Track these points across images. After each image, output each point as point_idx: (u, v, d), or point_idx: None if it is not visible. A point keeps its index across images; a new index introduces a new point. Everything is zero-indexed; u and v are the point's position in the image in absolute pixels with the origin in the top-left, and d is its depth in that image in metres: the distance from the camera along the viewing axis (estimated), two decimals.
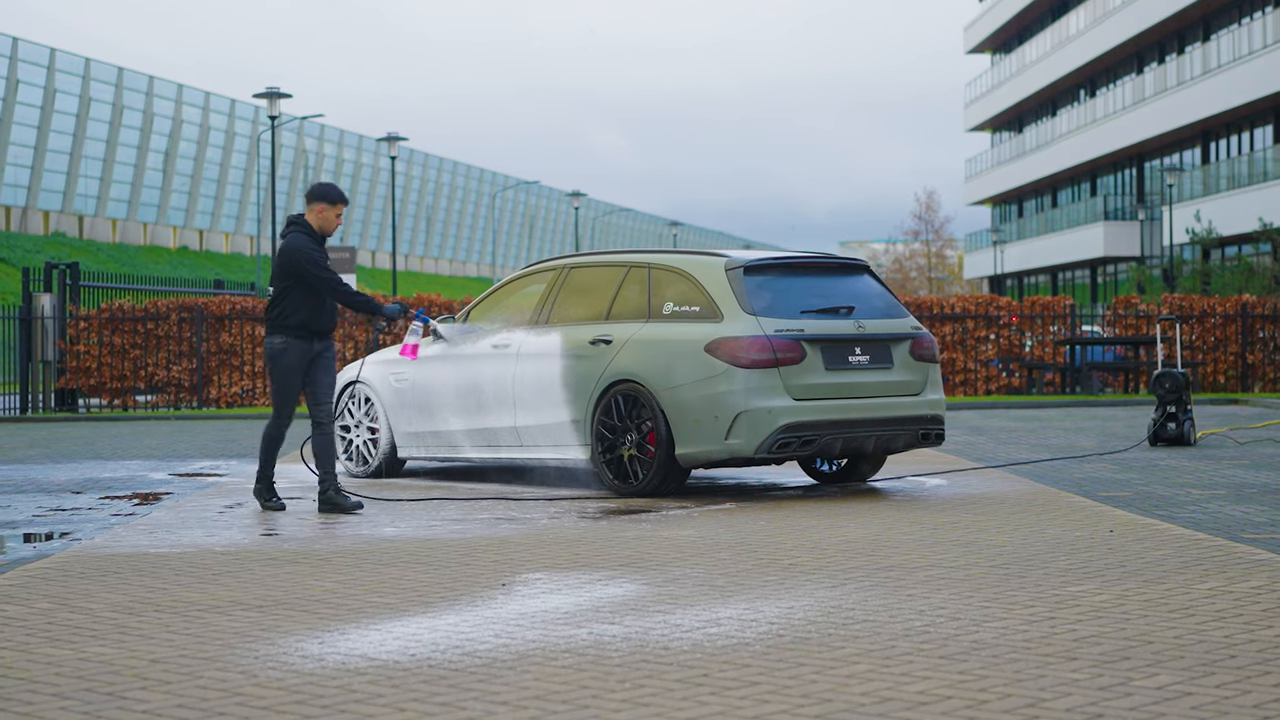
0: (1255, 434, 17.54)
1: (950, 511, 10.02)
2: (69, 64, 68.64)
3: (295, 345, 10.52)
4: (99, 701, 4.98)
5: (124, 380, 27.81)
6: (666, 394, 10.90)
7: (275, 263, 10.56)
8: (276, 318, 10.51)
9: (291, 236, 10.53)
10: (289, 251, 10.45)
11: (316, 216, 10.59)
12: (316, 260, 10.44)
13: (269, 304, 10.59)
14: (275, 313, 10.51)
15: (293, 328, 10.48)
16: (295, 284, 10.44)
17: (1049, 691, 4.95)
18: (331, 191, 10.62)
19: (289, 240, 10.51)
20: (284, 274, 10.47)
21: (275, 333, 10.54)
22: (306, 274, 10.38)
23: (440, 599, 6.84)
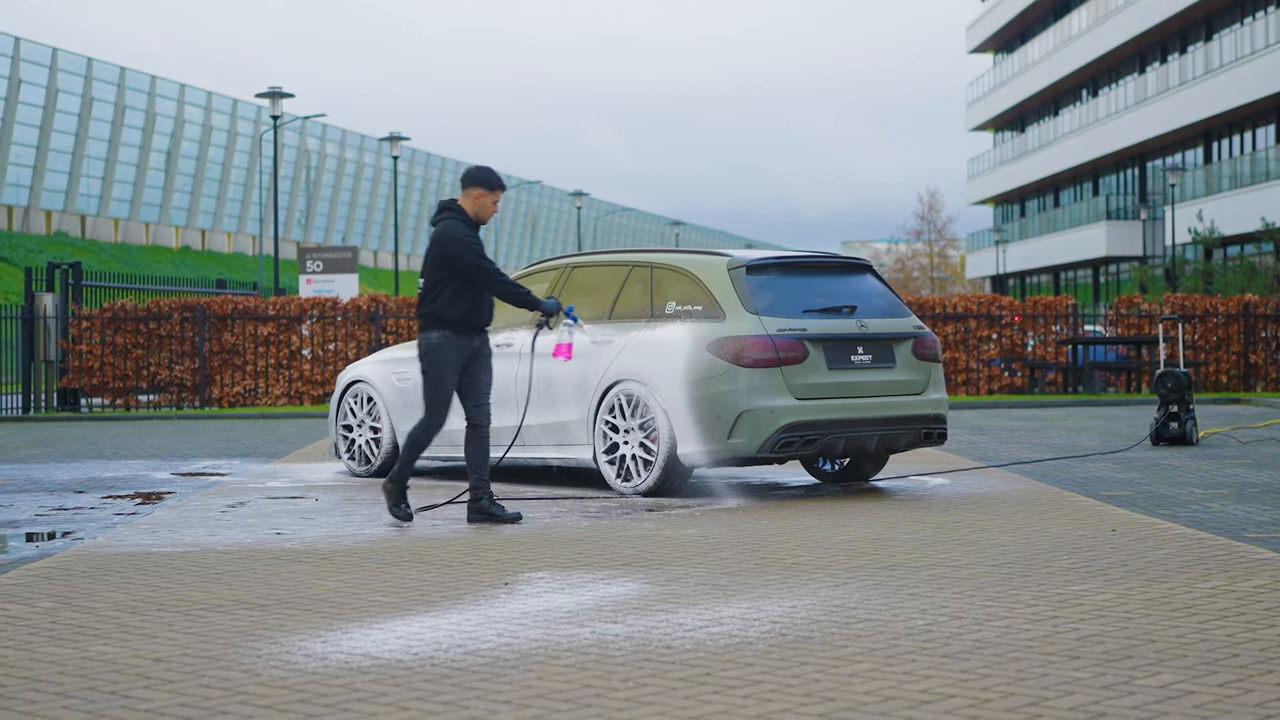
0: (1257, 433, 17.53)
1: (953, 511, 10.03)
2: (71, 64, 68.66)
3: (454, 341, 9.76)
4: (102, 700, 4.98)
5: (126, 380, 27.82)
6: (669, 393, 10.90)
7: (430, 251, 9.81)
8: (434, 311, 9.78)
9: (448, 224, 9.85)
10: (447, 241, 9.76)
11: (473, 203, 9.90)
12: (476, 250, 9.78)
13: (422, 296, 9.87)
14: (432, 306, 9.79)
15: (452, 322, 9.76)
16: (451, 275, 9.76)
17: (1052, 690, 4.95)
18: (491, 177, 9.92)
19: (445, 228, 9.83)
20: (440, 264, 9.76)
21: (432, 327, 9.79)
22: (465, 264, 9.73)
23: (443, 598, 6.84)
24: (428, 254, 9.85)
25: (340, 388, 13.47)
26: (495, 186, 9.91)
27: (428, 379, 9.84)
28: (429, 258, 9.85)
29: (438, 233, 9.84)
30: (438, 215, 9.95)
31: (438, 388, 9.81)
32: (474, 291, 9.80)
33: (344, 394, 13.40)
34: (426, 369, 9.84)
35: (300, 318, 28.29)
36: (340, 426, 13.36)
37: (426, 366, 9.83)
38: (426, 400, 9.88)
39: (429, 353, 9.80)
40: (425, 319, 9.83)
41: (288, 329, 28.24)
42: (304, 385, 28.18)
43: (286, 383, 28.14)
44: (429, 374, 9.83)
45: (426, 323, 9.82)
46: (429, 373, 9.83)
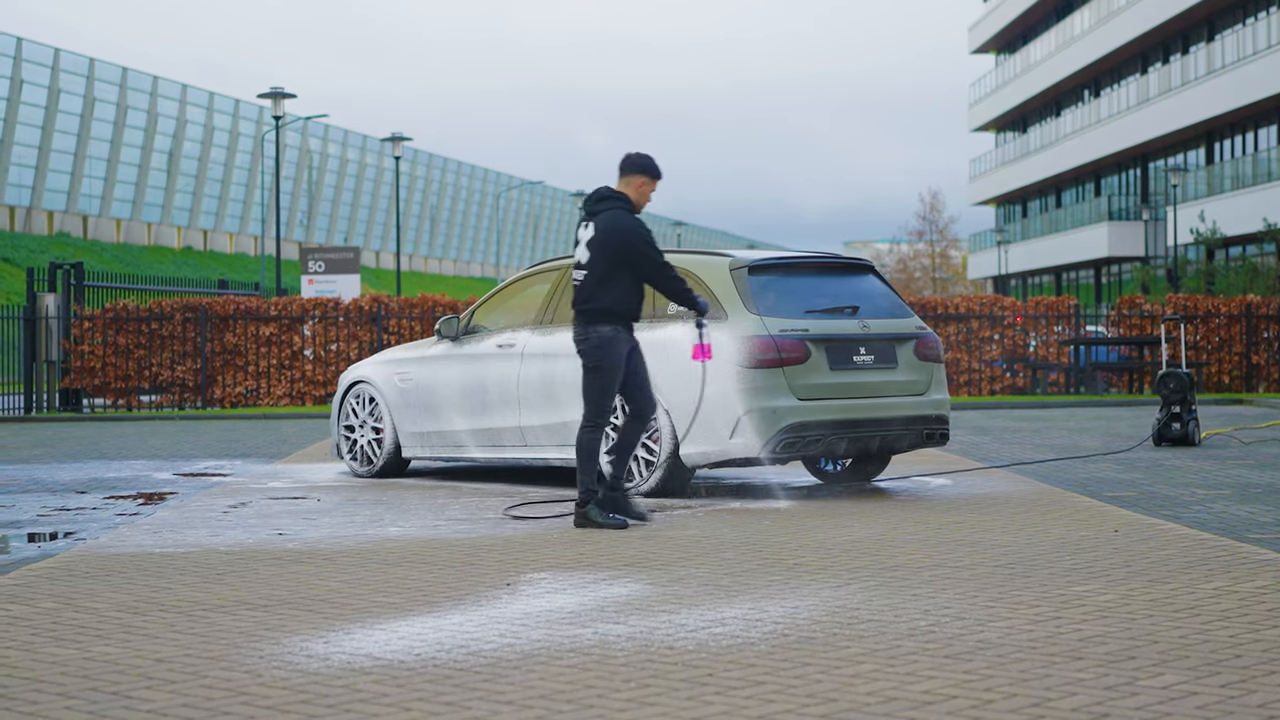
0: (1260, 434, 17.52)
1: (955, 511, 10.02)
2: (73, 64, 68.70)
3: (623, 336, 9.49)
4: (104, 701, 4.98)
5: (128, 380, 27.83)
6: (671, 394, 10.89)
7: (599, 241, 9.43)
8: (606, 305, 9.42)
9: (617, 214, 9.47)
10: (623, 232, 9.41)
11: (635, 191, 9.57)
12: (652, 242, 9.50)
13: (586, 289, 9.46)
14: (605, 300, 9.42)
15: (622, 316, 9.46)
16: (621, 267, 9.44)
17: (1054, 691, 4.95)
18: (653, 164, 9.61)
19: (617, 218, 9.45)
20: (613, 255, 9.40)
21: (602, 321, 9.43)
22: (643, 257, 9.44)
23: (445, 599, 6.84)
24: (596, 244, 9.45)
25: (342, 388, 13.47)
26: (658, 175, 9.65)
27: (598, 375, 9.48)
28: (598, 247, 9.45)
29: (610, 223, 9.45)
30: (598, 204, 9.57)
31: (609, 383, 9.49)
32: (640, 284, 9.52)
33: (346, 394, 13.40)
34: (597, 364, 9.47)
35: (302, 318, 28.29)
36: (342, 427, 13.36)
37: (597, 362, 9.46)
38: (593, 397, 9.52)
39: (601, 347, 9.44)
40: (595, 313, 9.44)
41: (290, 329, 28.24)
42: (306, 386, 28.19)
43: (288, 383, 28.14)
44: (600, 369, 9.47)
45: (595, 317, 9.44)
46: (600, 368, 9.47)
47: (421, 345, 13.13)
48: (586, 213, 9.68)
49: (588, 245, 9.55)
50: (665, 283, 9.60)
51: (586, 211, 9.68)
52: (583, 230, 9.67)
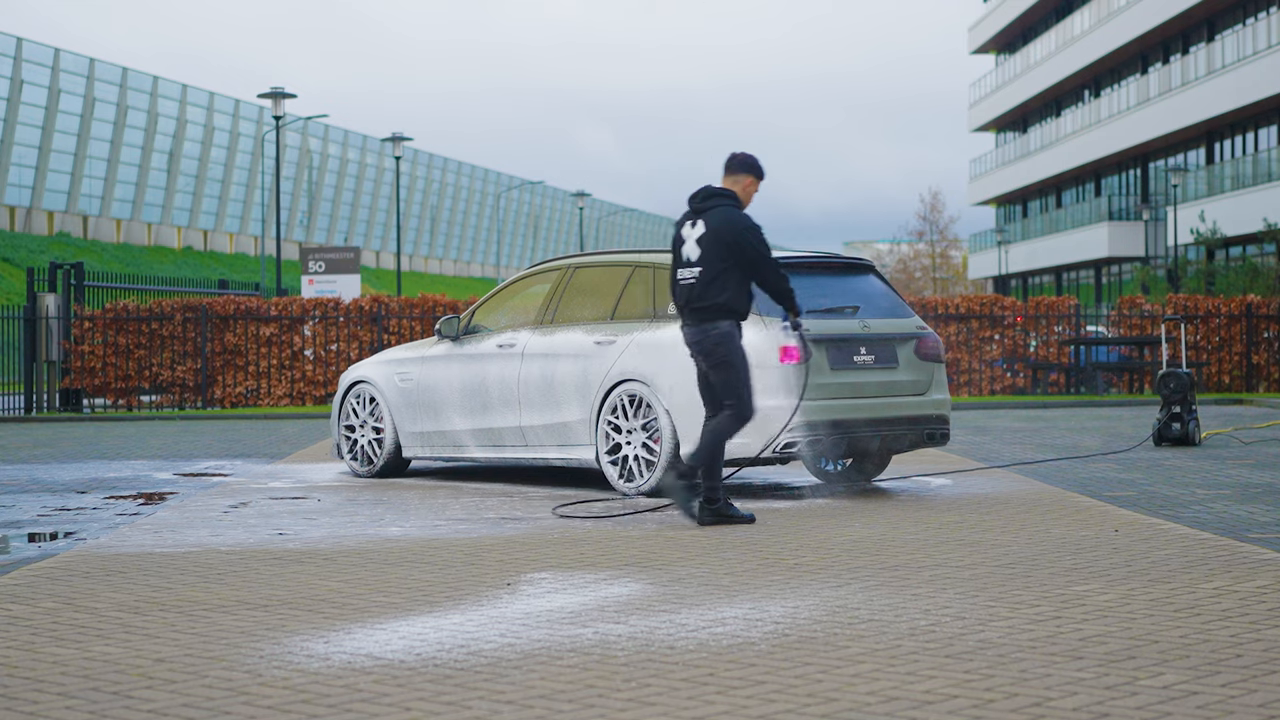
0: (1260, 434, 17.52)
1: (955, 511, 10.02)
2: (73, 64, 68.71)
3: (739, 331, 9.47)
4: (104, 701, 4.98)
5: (128, 380, 27.83)
6: (671, 394, 10.90)
7: (714, 238, 9.38)
8: (722, 302, 9.37)
9: (731, 211, 9.44)
10: (743, 229, 9.39)
11: (741, 189, 9.55)
12: (764, 238, 9.48)
13: (700, 286, 9.39)
14: (721, 297, 9.36)
15: (736, 312, 9.40)
16: (735, 264, 9.38)
17: (1055, 691, 4.95)
18: (759, 164, 9.63)
19: (733, 215, 9.43)
20: (728, 252, 9.34)
21: (720, 317, 9.37)
22: (758, 254, 9.42)
23: (446, 598, 6.84)
24: (711, 240, 9.39)
25: (343, 388, 13.47)
26: (762, 174, 9.66)
27: (730, 370, 9.39)
28: (714, 243, 9.38)
29: (727, 220, 9.40)
30: (706, 201, 9.51)
31: (744, 373, 9.43)
32: (749, 281, 9.48)
33: (346, 394, 13.40)
34: (727, 359, 9.38)
35: (302, 318, 28.29)
36: (343, 427, 13.36)
37: (726, 356, 9.38)
38: (728, 392, 9.41)
39: (726, 342, 9.38)
40: (715, 310, 9.38)
41: (290, 329, 28.25)
42: (306, 386, 28.19)
43: (289, 383, 28.14)
44: (730, 363, 9.39)
45: (717, 314, 9.38)
46: (730, 363, 9.39)
47: (422, 345, 13.13)
48: (692, 210, 9.61)
49: (698, 242, 9.49)
50: (776, 280, 9.59)
51: (692, 209, 9.61)
52: (688, 228, 9.57)
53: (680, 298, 9.56)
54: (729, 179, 9.65)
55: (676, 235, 9.67)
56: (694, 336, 9.52)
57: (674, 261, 9.67)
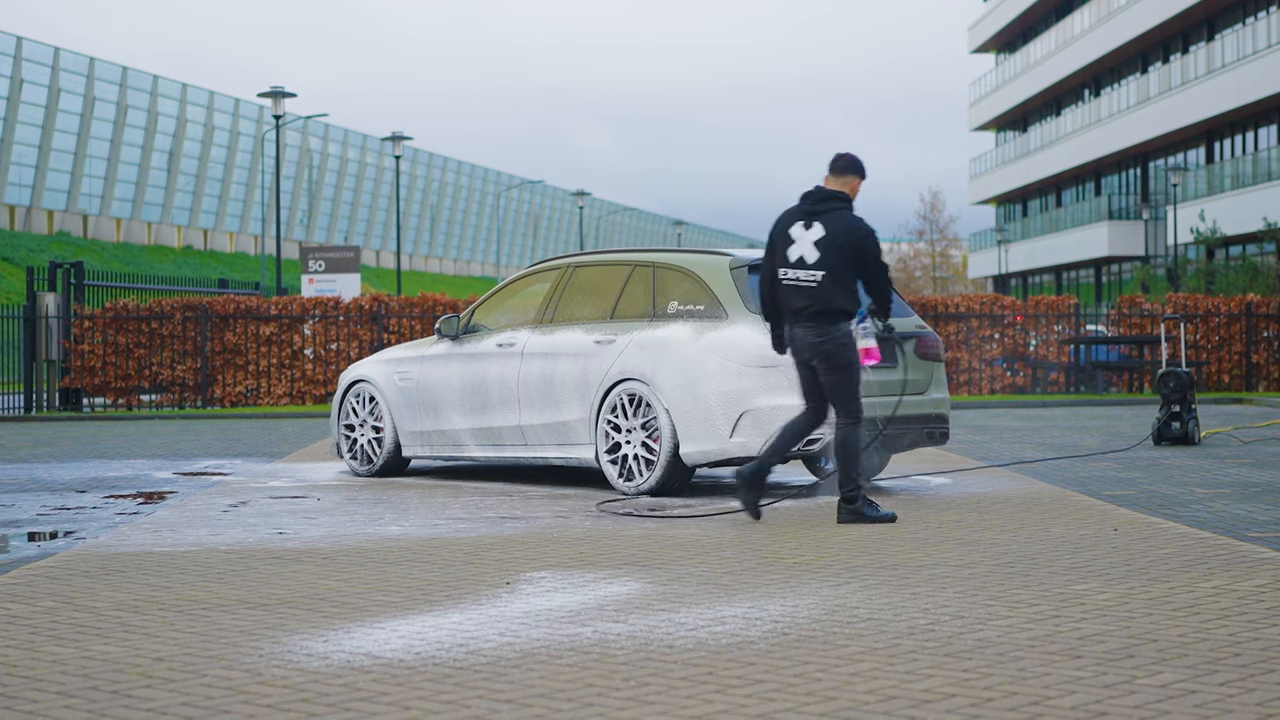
0: (1259, 433, 17.53)
1: (954, 510, 10.02)
2: (73, 63, 68.70)
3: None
4: (104, 700, 4.98)
5: (128, 380, 27.84)
6: (671, 393, 10.91)
7: (835, 241, 9.33)
8: (841, 305, 9.35)
9: (851, 215, 9.43)
10: (866, 234, 9.38)
11: (850, 190, 9.53)
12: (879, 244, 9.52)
13: (824, 290, 9.32)
14: (841, 300, 9.34)
15: (851, 315, 9.42)
16: (853, 266, 9.37)
17: (1053, 689, 4.95)
18: (863, 165, 9.60)
19: (854, 219, 9.42)
20: (850, 255, 9.33)
21: (841, 321, 9.37)
22: (876, 257, 9.43)
23: (445, 597, 6.84)
24: (834, 243, 9.34)
25: (342, 387, 13.48)
26: (865, 174, 9.61)
27: (850, 372, 9.41)
28: (837, 247, 9.34)
29: (851, 224, 9.37)
30: (820, 204, 9.45)
31: (859, 377, 9.46)
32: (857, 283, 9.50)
33: (346, 393, 13.41)
34: (850, 361, 9.40)
35: (302, 317, 28.30)
36: (342, 426, 13.37)
37: (850, 359, 9.39)
38: (846, 395, 9.40)
39: (847, 345, 9.38)
40: (835, 314, 9.35)
41: (290, 329, 28.25)
42: (306, 385, 28.19)
43: (289, 382, 28.15)
44: (850, 366, 9.40)
45: (836, 317, 9.36)
46: (850, 364, 9.40)
47: (422, 344, 13.13)
48: (806, 212, 9.50)
49: (816, 245, 9.39)
50: (884, 284, 9.56)
51: (806, 211, 9.50)
52: (801, 229, 9.45)
53: (797, 300, 9.44)
54: (838, 180, 9.57)
55: (781, 234, 9.52)
56: (814, 339, 9.41)
57: (775, 260, 9.51)
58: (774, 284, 9.56)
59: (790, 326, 9.52)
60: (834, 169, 9.60)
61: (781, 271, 9.48)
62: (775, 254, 9.54)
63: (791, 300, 9.45)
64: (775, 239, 9.56)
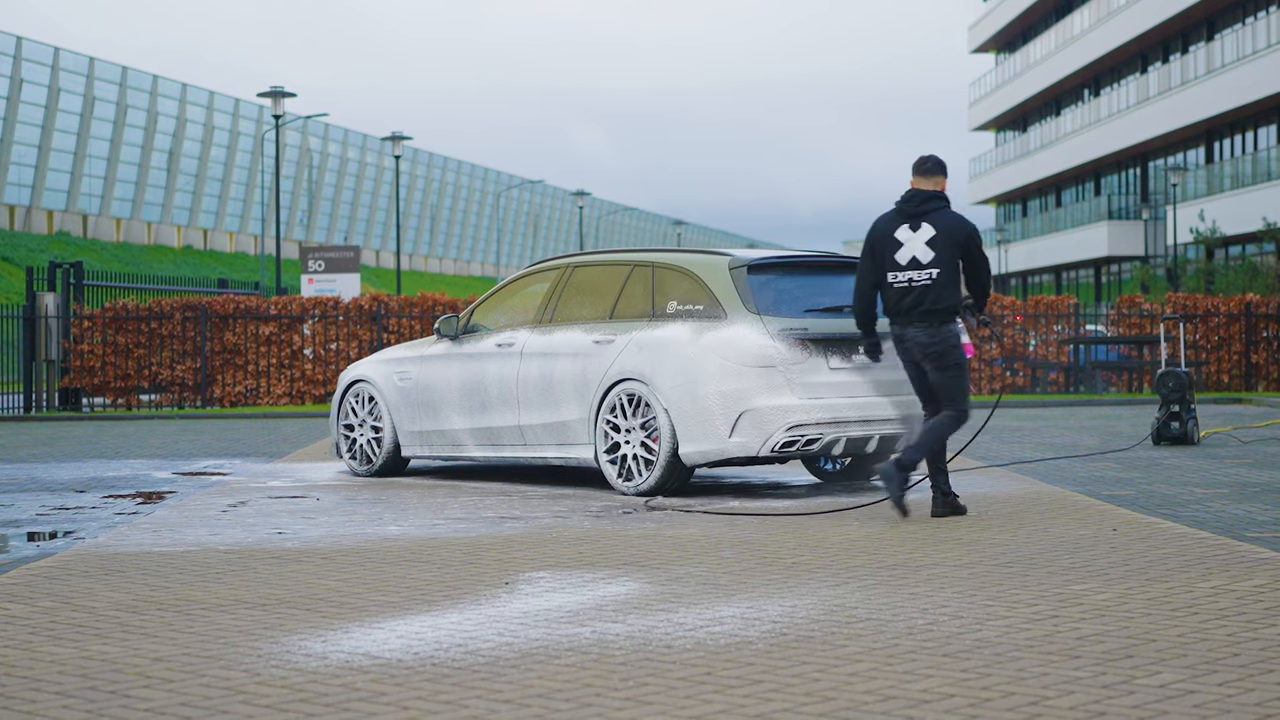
0: (1259, 433, 17.53)
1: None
2: (73, 63, 68.69)
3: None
4: (102, 700, 4.98)
5: (128, 379, 27.84)
6: (670, 393, 10.91)
7: (948, 241, 9.47)
8: (952, 304, 9.51)
9: (956, 214, 9.58)
10: (972, 232, 9.54)
11: (942, 190, 9.69)
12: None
13: (937, 290, 9.45)
14: (952, 299, 9.50)
15: (958, 312, 9.58)
16: (959, 266, 9.53)
17: (1052, 690, 4.95)
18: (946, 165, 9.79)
19: (961, 218, 9.58)
20: (960, 254, 9.50)
21: (952, 320, 9.53)
22: (982, 256, 9.64)
23: (444, 597, 6.84)
24: (947, 241, 9.47)
25: (342, 387, 13.48)
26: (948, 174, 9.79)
27: (962, 371, 9.57)
28: (950, 246, 9.47)
29: (958, 223, 9.51)
30: (925, 204, 9.54)
31: (968, 376, 9.67)
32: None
33: (345, 393, 13.41)
34: (961, 360, 9.56)
35: (302, 317, 28.30)
36: (342, 426, 13.37)
37: (960, 358, 9.55)
38: (959, 393, 9.56)
39: (958, 345, 9.55)
40: (946, 313, 9.50)
41: (289, 328, 28.25)
42: (305, 385, 28.19)
43: (288, 382, 28.15)
44: (962, 365, 9.56)
45: (947, 316, 9.51)
46: (963, 364, 9.56)
47: (421, 344, 13.14)
48: (909, 215, 9.57)
49: (929, 244, 9.50)
50: (987, 282, 9.74)
51: (909, 214, 9.57)
52: (908, 232, 9.53)
53: (908, 300, 9.52)
54: (928, 180, 9.65)
55: (884, 238, 9.57)
56: (925, 339, 9.52)
57: (881, 265, 9.56)
58: (873, 290, 9.67)
59: (901, 328, 9.63)
60: (922, 171, 9.70)
61: (890, 276, 9.56)
62: (879, 259, 9.60)
63: (903, 302, 9.56)
64: (877, 244, 9.61)
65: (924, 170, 9.70)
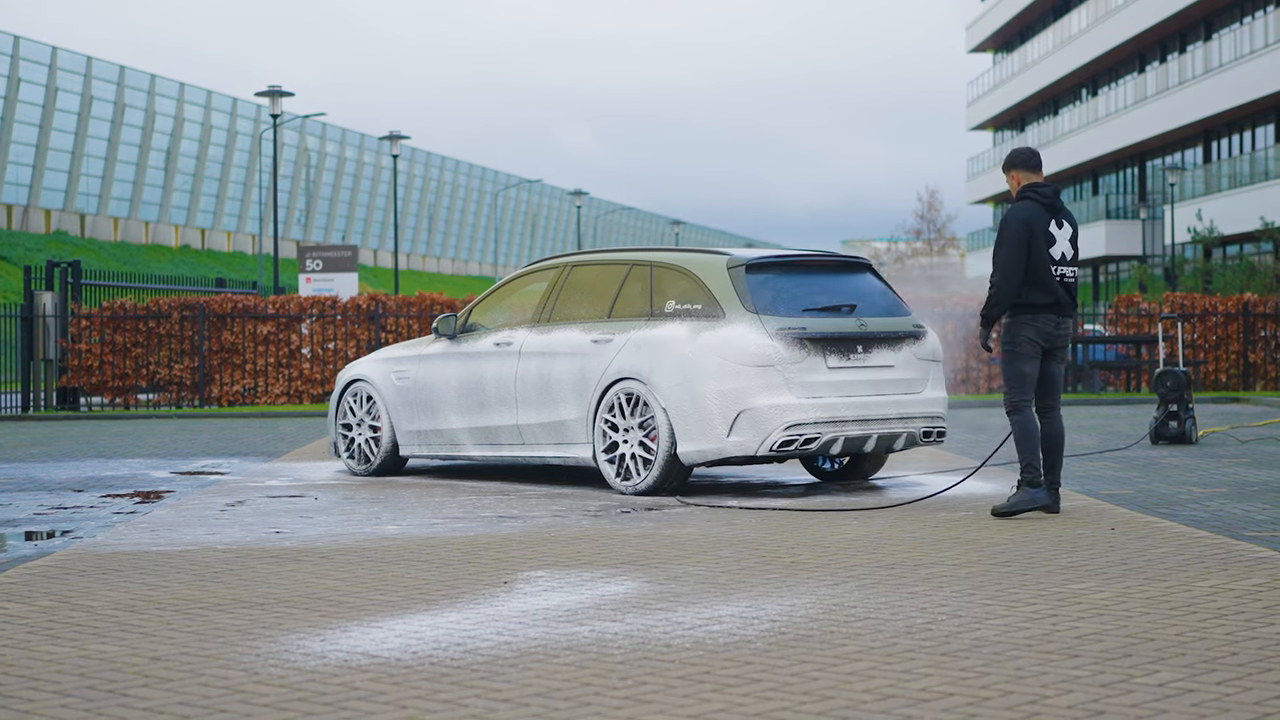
0: (1257, 432, 17.53)
1: (951, 509, 10.02)
2: (70, 62, 68.66)
3: None
4: (100, 699, 4.98)
5: (126, 379, 27.82)
6: (668, 392, 10.90)
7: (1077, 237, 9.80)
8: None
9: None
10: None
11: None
12: None
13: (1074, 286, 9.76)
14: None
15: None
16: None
17: (1051, 689, 4.95)
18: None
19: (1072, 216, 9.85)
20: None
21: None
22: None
23: (442, 596, 6.84)
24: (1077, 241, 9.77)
25: (340, 386, 13.47)
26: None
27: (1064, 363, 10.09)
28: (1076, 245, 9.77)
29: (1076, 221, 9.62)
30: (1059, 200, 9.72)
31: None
32: None
33: (343, 393, 13.40)
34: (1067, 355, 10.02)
35: (300, 316, 28.29)
36: (340, 425, 13.36)
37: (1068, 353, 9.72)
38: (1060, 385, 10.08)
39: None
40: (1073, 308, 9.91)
41: (287, 328, 28.24)
42: (303, 384, 28.18)
43: (286, 382, 28.13)
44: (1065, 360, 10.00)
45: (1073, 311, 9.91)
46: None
47: (419, 343, 13.13)
48: (1056, 210, 9.66)
49: (1070, 242, 9.69)
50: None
51: (1055, 209, 9.66)
52: (1055, 227, 9.63)
53: (1066, 295, 9.69)
54: (1037, 175, 9.77)
55: (1043, 231, 9.58)
56: (1066, 331, 9.82)
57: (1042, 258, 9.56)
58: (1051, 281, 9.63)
59: (1057, 322, 9.73)
60: (1033, 166, 9.79)
61: (1053, 269, 9.64)
62: (1037, 251, 9.59)
63: (1063, 295, 9.69)
64: (1037, 236, 9.60)
65: (1034, 165, 9.81)
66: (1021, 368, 9.75)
